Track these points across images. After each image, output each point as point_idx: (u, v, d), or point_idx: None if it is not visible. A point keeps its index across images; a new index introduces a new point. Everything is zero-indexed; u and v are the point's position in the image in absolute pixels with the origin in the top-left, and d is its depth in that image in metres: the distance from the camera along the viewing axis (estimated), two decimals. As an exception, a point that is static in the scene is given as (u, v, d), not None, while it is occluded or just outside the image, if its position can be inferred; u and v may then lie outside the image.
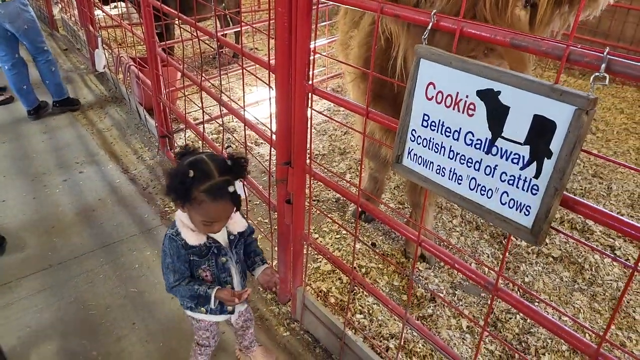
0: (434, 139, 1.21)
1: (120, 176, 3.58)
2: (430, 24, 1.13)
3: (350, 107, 1.62)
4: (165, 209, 3.21)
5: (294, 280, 2.30)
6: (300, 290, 2.28)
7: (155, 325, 2.34)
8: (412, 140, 1.27)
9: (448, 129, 1.17)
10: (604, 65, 0.87)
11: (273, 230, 2.54)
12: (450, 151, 1.18)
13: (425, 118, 1.21)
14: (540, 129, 0.99)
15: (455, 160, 1.18)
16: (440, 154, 1.21)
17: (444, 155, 1.20)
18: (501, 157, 1.08)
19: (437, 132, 1.20)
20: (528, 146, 1.02)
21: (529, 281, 2.63)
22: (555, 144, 0.97)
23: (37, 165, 3.71)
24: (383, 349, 2.16)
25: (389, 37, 1.81)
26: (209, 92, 2.75)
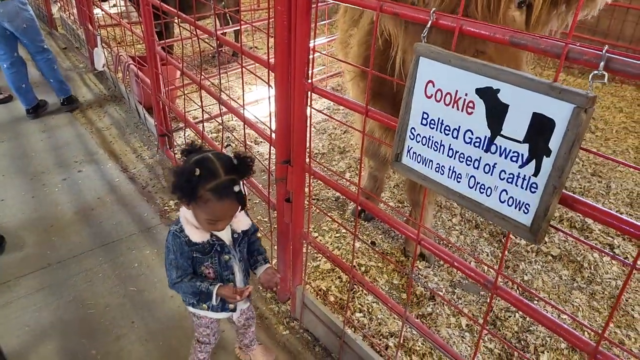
0: (433, 137, 1.21)
1: (120, 175, 3.57)
2: (430, 22, 1.13)
3: (350, 106, 1.62)
4: (164, 207, 3.21)
5: (293, 279, 2.30)
6: (300, 288, 2.28)
7: (154, 324, 2.34)
8: (412, 139, 1.27)
9: (447, 127, 1.17)
10: (603, 63, 0.88)
11: (272, 229, 2.55)
12: (449, 149, 1.18)
13: (425, 116, 1.21)
14: (539, 127, 0.99)
15: (454, 158, 1.18)
16: (439, 152, 1.21)
17: (443, 153, 1.20)
18: (500, 155, 1.08)
19: (437, 130, 1.20)
20: (527, 144, 1.02)
21: (528, 280, 2.63)
22: (554, 142, 0.97)
23: (36, 164, 3.71)
24: (382, 347, 2.16)
25: (388, 38, 1.81)
26: (209, 91, 2.74)
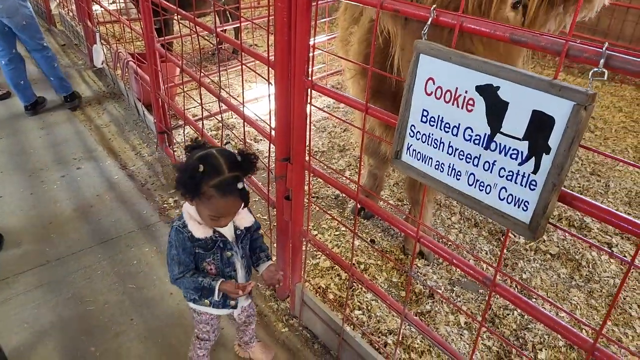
0: (433, 135, 1.22)
1: (119, 172, 3.57)
2: (430, 19, 1.13)
3: (350, 103, 1.63)
4: (163, 205, 3.20)
5: (292, 277, 2.30)
6: (299, 286, 2.28)
7: (153, 321, 2.34)
8: (411, 136, 1.27)
9: (447, 125, 1.17)
10: (603, 61, 0.88)
11: (272, 227, 2.55)
12: (449, 147, 1.18)
13: (425, 113, 1.21)
14: (539, 125, 0.99)
15: (454, 155, 1.18)
16: (439, 149, 1.21)
17: (443, 150, 1.20)
18: (500, 153, 1.08)
19: (436, 128, 1.20)
20: (527, 142, 1.03)
21: (526, 278, 2.63)
22: (553, 140, 0.97)
23: (35, 161, 3.71)
24: (381, 344, 2.16)
25: (387, 36, 1.81)
26: (208, 88, 2.74)
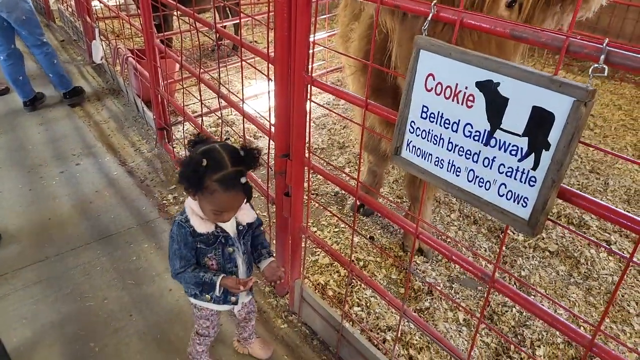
0: (432, 131, 1.21)
1: (118, 168, 3.57)
2: (430, 15, 1.13)
3: (350, 99, 1.62)
4: (163, 201, 3.20)
5: (292, 273, 2.31)
6: (298, 282, 2.29)
7: (152, 317, 2.35)
8: (411, 132, 1.27)
9: (447, 121, 1.17)
10: (603, 57, 0.87)
11: (271, 223, 2.55)
12: (449, 143, 1.18)
13: (425, 110, 1.21)
14: (539, 121, 0.99)
15: (454, 152, 1.18)
16: (439, 145, 1.21)
17: (442, 147, 1.20)
18: (499, 149, 1.08)
19: (436, 124, 1.20)
20: (526, 138, 1.02)
21: (525, 275, 2.64)
22: (553, 136, 0.97)
23: (34, 157, 3.70)
24: (380, 340, 2.17)
25: (385, 32, 1.80)
26: (208, 84, 2.74)
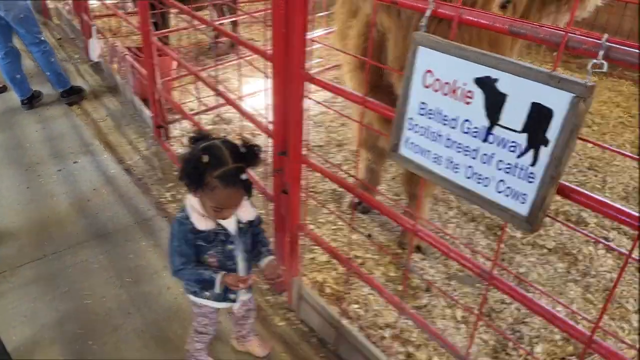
0: (431, 128, 1.21)
1: (115, 167, 3.55)
2: (429, 11, 1.12)
3: (348, 96, 1.62)
4: (160, 199, 3.20)
5: (289, 271, 2.30)
6: (296, 280, 2.29)
7: (151, 315, 2.34)
8: (409, 129, 1.27)
9: (445, 117, 1.16)
10: (603, 52, 0.87)
11: (269, 221, 2.54)
12: (447, 139, 1.18)
13: (423, 106, 1.21)
14: (538, 117, 0.99)
15: (452, 148, 1.18)
16: (437, 142, 1.20)
17: (441, 143, 1.20)
18: (498, 145, 1.07)
19: (435, 121, 1.20)
20: (525, 134, 1.02)
21: (523, 272, 2.64)
22: (552, 132, 0.97)
23: (31, 155, 3.69)
24: (378, 338, 2.17)
25: (382, 29, 1.80)
26: (206, 82, 2.73)
